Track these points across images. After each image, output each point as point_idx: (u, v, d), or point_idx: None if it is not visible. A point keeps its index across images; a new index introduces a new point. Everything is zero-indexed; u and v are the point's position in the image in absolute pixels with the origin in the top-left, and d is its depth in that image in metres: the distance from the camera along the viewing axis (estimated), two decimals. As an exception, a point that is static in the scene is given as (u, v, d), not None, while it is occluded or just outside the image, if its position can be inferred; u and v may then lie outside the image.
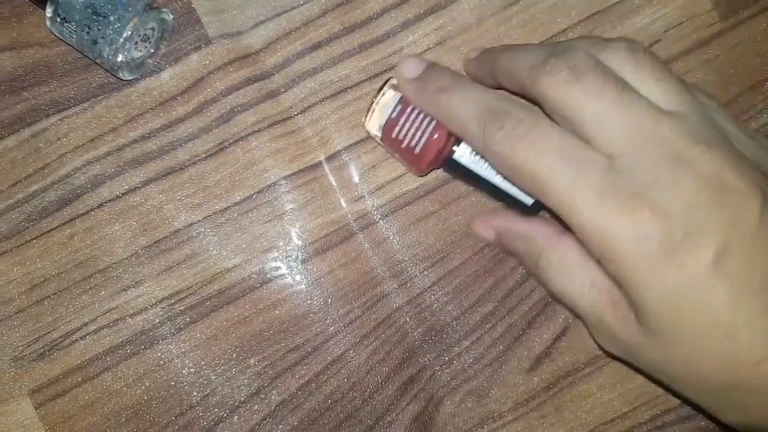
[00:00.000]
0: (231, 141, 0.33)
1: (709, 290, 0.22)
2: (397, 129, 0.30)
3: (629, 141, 0.23)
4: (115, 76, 0.32)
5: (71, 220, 0.33)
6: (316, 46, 0.33)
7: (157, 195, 0.33)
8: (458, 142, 0.29)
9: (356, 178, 0.33)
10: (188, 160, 0.33)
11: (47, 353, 0.33)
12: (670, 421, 0.34)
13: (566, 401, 0.34)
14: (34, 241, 0.33)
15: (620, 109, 0.23)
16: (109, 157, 0.33)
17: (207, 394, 0.33)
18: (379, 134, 0.31)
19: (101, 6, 0.30)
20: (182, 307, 0.33)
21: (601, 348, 0.28)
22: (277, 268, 0.33)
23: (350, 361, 0.33)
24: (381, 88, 0.31)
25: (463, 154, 0.29)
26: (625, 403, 0.34)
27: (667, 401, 0.34)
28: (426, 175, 0.33)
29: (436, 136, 0.29)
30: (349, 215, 0.33)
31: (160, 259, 0.33)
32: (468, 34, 0.33)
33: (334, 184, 0.33)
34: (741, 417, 0.24)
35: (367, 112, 0.31)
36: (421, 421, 0.34)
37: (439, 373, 0.34)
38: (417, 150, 0.29)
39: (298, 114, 0.33)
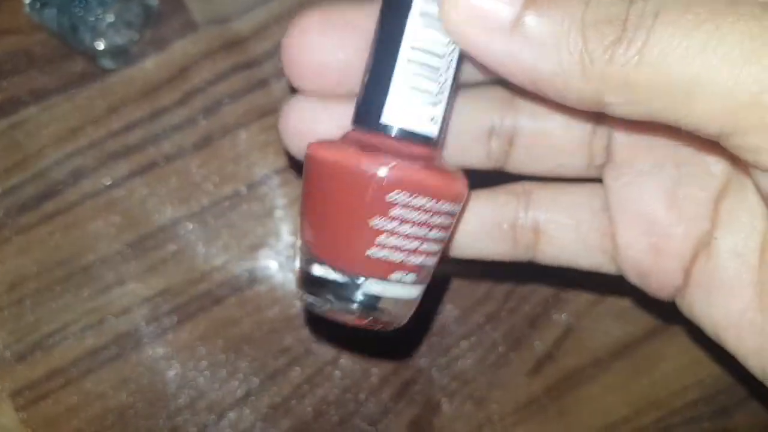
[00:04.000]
0: (219, 133, 0.33)
1: None
2: None
3: None
4: (97, 65, 0.32)
5: (52, 215, 0.32)
6: (309, 33, 0.32)
7: (141, 189, 0.32)
8: None
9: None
10: (174, 152, 0.32)
11: (28, 354, 0.32)
12: (675, 423, 0.34)
13: (569, 404, 0.33)
14: (14, 238, 0.32)
15: None
16: (90, 150, 0.32)
17: (195, 398, 0.32)
18: None
19: (82, -10, 0.30)
20: (168, 307, 0.32)
21: None
22: (268, 267, 0.33)
23: (344, 364, 0.33)
24: None
25: None
26: (630, 406, 0.34)
27: (672, 403, 0.34)
28: None
29: None
30: (344, 211, 0.33)
31: (145, 256, 0.32)
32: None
33: (328, 178, 0.33)
34: None
35: None
36: (419, 426, 0.33)
37: (437, 375, 0.33)
38: None
39: (289, 105, 0.33)
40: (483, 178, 0.23)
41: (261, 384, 0.33)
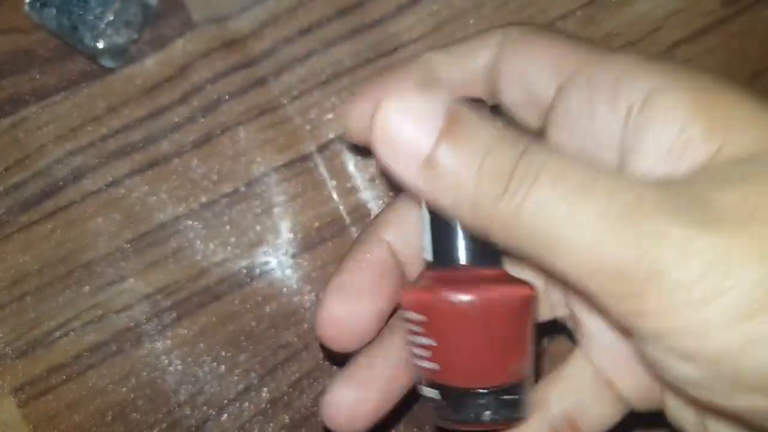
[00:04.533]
0: (218, 131, 0.32)
1: None
2: None
3: None
4: (97, 64, 0.32)
5: (53, 213, 0.32)
6: (307, 31, 0.32)
7: (141, 187, 0.32)
8: None
9: (350, 169, 0.33)
10: (174, 150, 0.32)
11: (30, 351, 0.32)
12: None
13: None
14: (15, 235, 0.32)
15: None
16: (91, 148, 0.32)
17: (195, 393, 0.32)
18: None
19: (81, -11, 0.30)
20: (168, 303, 0.32)
21: None
22: (267, 263, 0.33)
23: (343, 359, 0.33)
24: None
25: None
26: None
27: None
28: None
29: None
30: (342, 208, 0.33)
31: (145, 253, 0.32)
32: (464, 19, 0.33)
33: (326, 175, 0.33)
34: None
35: None
36: (418, 420, 0.33)
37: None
38: None
39: (287, 102, 0.33)
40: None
41: (260, 379, 0.32)
